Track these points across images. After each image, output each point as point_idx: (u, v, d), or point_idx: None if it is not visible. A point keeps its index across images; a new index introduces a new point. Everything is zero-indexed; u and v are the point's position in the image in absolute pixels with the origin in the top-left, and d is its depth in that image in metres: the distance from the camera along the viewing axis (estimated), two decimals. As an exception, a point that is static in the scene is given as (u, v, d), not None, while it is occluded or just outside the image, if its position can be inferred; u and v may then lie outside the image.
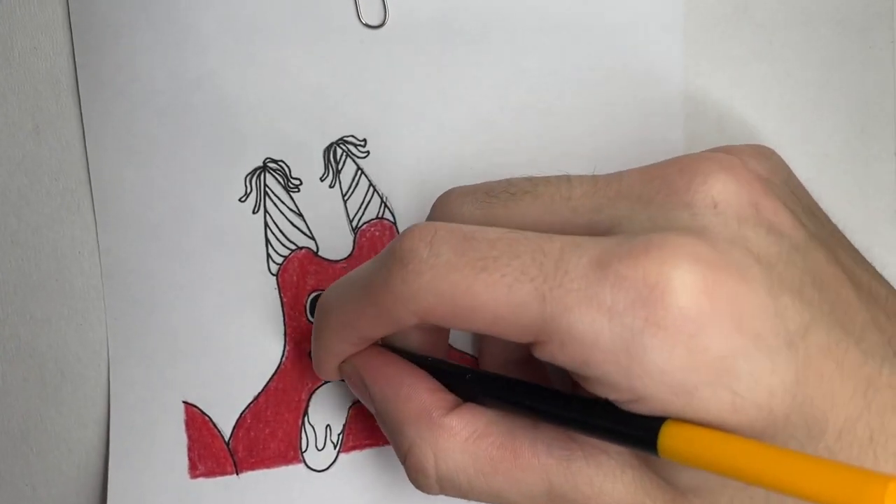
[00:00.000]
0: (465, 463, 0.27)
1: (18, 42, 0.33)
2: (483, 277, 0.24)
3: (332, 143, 0.34)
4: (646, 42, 0.36)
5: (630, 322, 0.22)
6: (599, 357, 0.23)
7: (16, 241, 0.33)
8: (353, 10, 0.34)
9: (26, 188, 0.33)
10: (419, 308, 0.25)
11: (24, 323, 0.33)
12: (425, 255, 0.25)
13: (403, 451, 0.28)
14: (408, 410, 0.28)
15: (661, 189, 0.26)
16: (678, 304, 0.22)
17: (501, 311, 0.24)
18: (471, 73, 0.35)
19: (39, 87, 0.33)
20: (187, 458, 0.33)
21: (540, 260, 0.24)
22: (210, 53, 0.33)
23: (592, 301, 0.23)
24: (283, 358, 0.34)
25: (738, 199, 0.25)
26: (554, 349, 0.23)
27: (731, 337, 0.22)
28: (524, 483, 0.26)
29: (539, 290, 0.23)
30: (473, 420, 0.27)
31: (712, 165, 0.26)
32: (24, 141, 0.33)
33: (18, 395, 0.33)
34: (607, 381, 0.23)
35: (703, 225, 0.24)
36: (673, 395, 0.22)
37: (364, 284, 0.27)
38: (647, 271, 0.22)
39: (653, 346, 0.22)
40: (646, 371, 0.22)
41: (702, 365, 0.22)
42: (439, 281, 0.24)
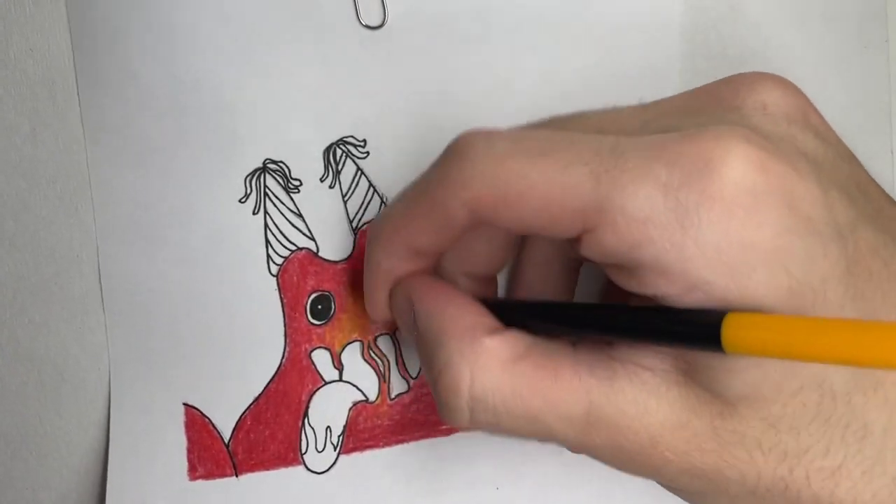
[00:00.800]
0: (503, 383, 0.26)
1: (14, 43, 0.32)
2: (539, 161, 0.24)
3: (332, 144, 0.34)
4: (643, 41, 0.36)
5: (685, 196, 0.22)
6: (653, 234, 0.22)
7: (14, 244, 0.32)
8: (353, 11, 0.34)
9: (24, 191, 0.32)
10: (471, 196, 0.24)
11: (22, 326, 0.32)
12: (481, 146, 0.25)
13: (438, 368, 0.27)
14: (451, 327, 0.27)
15: (708, 101, 0.26)
16: (734, 177, 0.22)
17: (553, 194, 0.23)
18: (470, 73, 0.35)
19: (36, 89, 0.32)
20: (187, 459, 0.33)
21: (597, 146, 0.23)
22: (209, 55, 0.33)
23: (647, 177, 0.22)
24: (283, 359, 0.34)
25: (786, 102, 0.25)
26: (605, 234, 0.23)
27: (785, 215, 0.22)
28: (563, 404, 0.25)
29: (594, 171, 0.23)
30: (515, 342, 0.26)
31: (760, 76, 0.26)
32: (21, 144, 0.32)
33: (18, 398, 0.33)
34: (659, 265, 0.22)
35: (754, 123, 0.24)
36: (728, 278, 0.22)
37: (417, 186, 0.27)
38: (703, 148, 0.22)
39: (709, 220, 0.22)
40: (700, 248, 0.22)
41: (758, 241, 0.22)
42: (495, 167, 0.24)
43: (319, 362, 0.34)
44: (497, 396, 0.26)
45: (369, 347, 0.34)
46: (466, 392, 0.26)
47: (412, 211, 0.27)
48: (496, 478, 0.35)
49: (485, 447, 0.34)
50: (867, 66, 0.38)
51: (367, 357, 0.34)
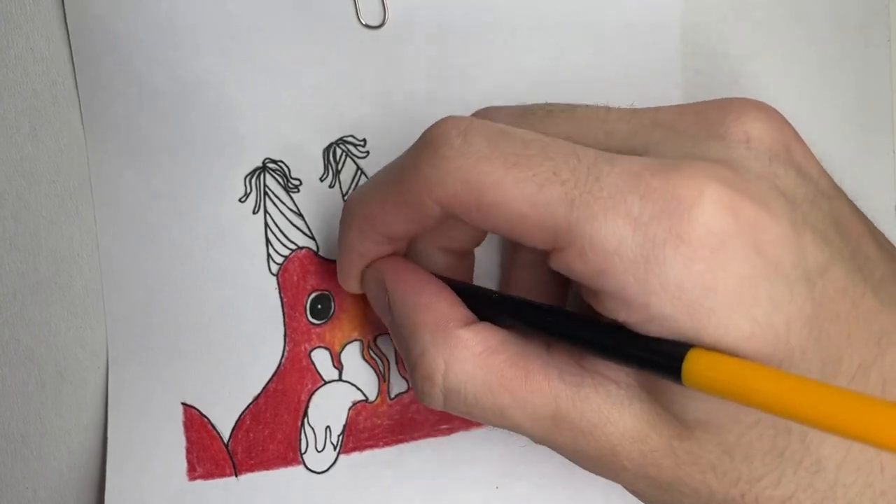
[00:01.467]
0: (475, 376, 0.26)
1: (14, 43, 0.32)
2: (514, 173, 0.23)
3: (332, 143, 0.34)
4: (644, 41, 0.36)
5: (653, 233, 0.22)
6: (618, 267, 0.22)
7: (14, 244, 0.32)
8: (353, 11, 0.34)
9: (24, 191, 0.32)
10: (444, 195, 0.25)
11: (23, 326, 0.33)
12: (458, 142, 0.24)
13: (414, 356, 0.27)
14: (425, 317, 0.27)
15: (695, 122, 0.26)
16: (703, 219, 0.22)
17: (527, 210, 0.23)
18: (470, 73, 0.35)
19: (36, 88, 0.32)
20: (186, 459, 0.33)
21: (573, 164, 0.23)
22: (209, 54, 0.33)
23: (619, 209, 0.22)
24: (282, 359, 0.34)
25: (770, 137, 0.25)
26: (573, 257, 0.23)
27: (752, 259, 0.22)
28: (531, 404, 0.26)
29: (569, 194, 0.23)
30: (488, 336, 0.27)
31: (748, 105, 0.26)
32: (21, 143, 0.32)
33: (18, 397, 0.33)
34: (622, 295, 0.23)
35: (735, 157, 0.24)
36: (687, 316, 0.22)
37: (391, 173, 0.27)
38: (678, 186, 0.22)
39: (674, 258, 0.22)
40: (663, 285, 0.22)
41: (720, 284, 0.22)
42: (469, 169, 0.24)
43: (319, 362, 0.34)
44: (468, 388, 0.26)
45: (369, 347, 0.34)
46: (441, 381, 0.27)
47: (385, 199, 0.27)
48: (496, 477, 0.35)
49: (484, 447, 0.34)
50: (869, 66, 0.38)
51: (367, 357, 0.34)
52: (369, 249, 0.29)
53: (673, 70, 0.36)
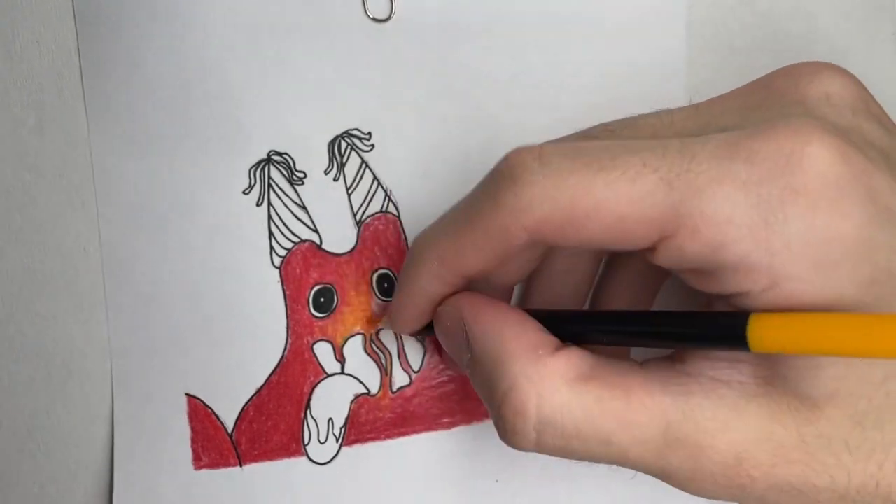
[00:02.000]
0: (572, 403, 0.24)
1: (20, 35, 0.32)
2: (602, 176, 0.22)
3: (337, 136, 0.34)
4: (649, 35, 0.36)
5: (767, 192, 0.21)
6: (736, 234, 0.21)
7: (20, 238, 0.33)
8: (360, 4, 0.34)
9: (30, 184, 0.33)
10: (533, 221, 0.23)
11: (29, 320, 0.33)
12: (536, 166, 0.23)
13: (502, 391, 0.25)
14: (512, 348, 0.26)
15: (768, 94, 0.25)
16: (818, 170, 0.21)
17: (624, 209, 0.22)
18: (476, 67, 0.34)
19: (42, 81, 0.32)
20: (191, 449, 0.34)
21: (661, 151, 0.22)
22: (215, 45, 0.33)
23: (725, 177, 0.21)
24: (285, 351, 0.34)
25: (849, 93, 0.25)
26: (684, 239, 0.22)
27: (868, 207, 0.22)
28: (637, 425, 0.24)
29: (665, 178, 0.22)
30: (580, 360, 0.25)
31: (818, 65, 0.25)
32: (27, 137, 0.32)
33: (25, 392, 0.33)
34: (744, 263, 0.22)
35: (820, 115, 0.24)
36: (813, 272, 0.21)
37: (467, 211, 0.26)
38: (781, 143, 0.22)
39: (794, 214, 0.21)
40: (786, 244, 0.21)
41: (843, 234, 0.21)
42: (555, 187, 0.23)
43: (321, 355, 0.34)
44: (567, 418, 0.25)
45: (371, 341, 0.34)
46: (534, 414, 0.25)
47: (463, 238, 0.26)
48: (496, 470, 0.35)
49: (485, 441, 0.35)
50: (875, 59, 0.38)
51: (369, 350, 0.34)
52: (439, 291, 0.28)
53: (679, 64, 0.36)
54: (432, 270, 0.28)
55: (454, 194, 0.34)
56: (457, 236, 0.26)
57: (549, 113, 0.35)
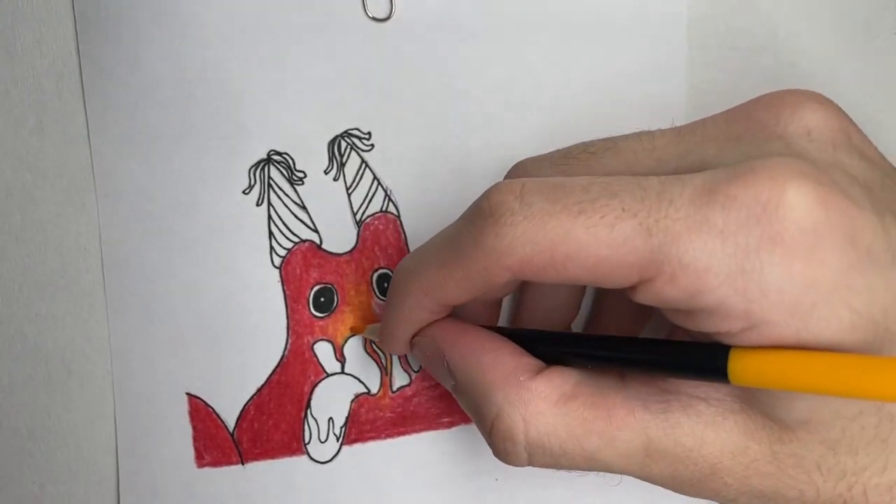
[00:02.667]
0: (557, 425, 0.25)
1: (21, 35, 0.32)
2: (582, 220, 0.23)
3: (337, 136, 0.34)
4: (650, 34, 0.36)
5: (745, 241, 0.21)
6: (714, 282, 0.22)
7: (20, 238, 0.33)
8: (360, 4, 0.34)
9: (30, 184, 0.33)
10: (515, 262, 0.24)
11: (29, 320, 0.33)
12: (517, 206, 0.24)
13: (490, 419, 0.26)
14: (493, 376, 0.26)
15: (748, 126, 0.25)
16: (795, 218, 0.21)
17: (604, 253, 0.23)
18: (476, 67, 0.34)
19: (43, 81, 0.33)
20: (193, 448, 0.34)
21: (640, 195, 0.23)
22: (214, 45, 0.33)
23: (703, 225, 0.22)
24: (285, 351, 0.34)
25: (830, 126, 0.25)
26: (663, 284, 0.22)
27: (847, 250, 0.22)
28: (620, 441, 0.25)
29: (644, 224, 0.22)
30: (561, 381, 0.26)
31: (800, 97, 0.25)
32: (27, 137, 0.33)
33: (25, 392, 0.33)
34: (721, 308, 0.22)
35: (799, 151, 0.24)
36: (790, 317, 0.21)
37: (449, 246, 0.26)
38: (759, 189, 0.22)
39: (770, 262, 0.21)
40: (763, 291, 0.21)
41: (820, 280, 0.21)
42: (535, 230, 0.23)
43: (322, 354, 0.34)
44: (553, 439, 0.26)
45: (371, 340, 0.34)
46: (523, 438, 0.26)
47: (446, 272, 0.26)
48: (496, 469, 0.35)
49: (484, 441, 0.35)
50: (876, 58, 0.37)
51: (370, 350, 0.34)
52: (423, 318, 0.29)
53: (679, 63, 0.36)
54: (416, 300, 0.28)
55: (454, 194, 0.34)
56: (440, 271, 0.27)
57: (549, 113, 0.35)
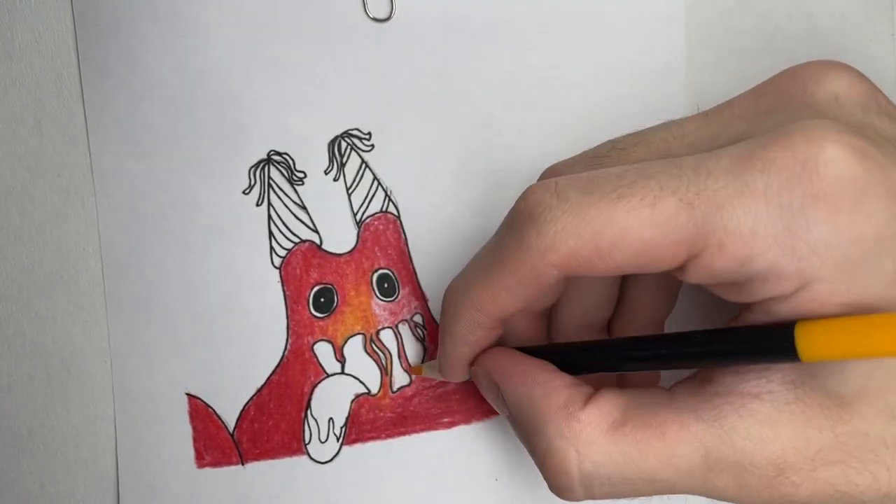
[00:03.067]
0: (612, 453, 0.25)
1: (19, 35, 0.32)
2: (622, 205, 0.23)
3: (337, 137, 0.34)
4: (648, 36, 0.36)
5: (788, 201, 0.21)
6: (762, 245, 0.22)
7: (19, 237, 0.33)
8: (360, 4, 0.34)
9: (29, 184, 0.33)
10: (561, 257, 0.24)
11: (29, 320, 0.33)
12: (554, 202, 0.24)
13: (541, 452, 0.26)
14: (543, 408, 0.26)
15: (776, 99, 0.25)
16: (835, 174, 0.21)
17: (649, 234, 0.23)
18: (476, 67, 0.34)
19: (41, 81, 0.32)
20: (193, 448, 0.34)
21: (676, 173, 0.23)
22: (214, 46, 0.33)
23: (744, 191, 0.22)
24: (285, 351, 0.34)
25: (857, 91, 0.25)
26: (712, 256, 0.22)
27: (889, 203, 0.22)
28: (678, 458, 0.25)
29: (684, 199, 0.22)
30: (611, 408, 0.26)
31: (824, 66, 0.25)
32: (26, 136, 0.32)
33: (24, 392, 0.33)
34: (773, 271, 0.22)
35: (831, 116, 0.24)
36: (840, 272, 0.21)
37: (494, 256, 0.26)
38: (796, 150, 0.22)
39: (816, 219, 0.21)
40: (812, 247, 0.21)
41: (867, 233, 0.21)
42: (577, 222, 0.23)
43: (322, 355, 0.34)
44: (609, 468, 0.25)
45: (371, 341, 0.34)
46: (577, 472, 0.25)
47: (493, 282, 0.26)
48: (496, 470, 0.35)
49: (484, 440, 0.35)
50: (873, 60, 0.38)
51: (370, 350, 0.34)
52: (481, 338, 0.29)
53: (678, 64, 0.36)
54: (470, 318, 0.28)
55: (454, 194, 0.34)
56: (488, 282, 0.26)
57: (549, 113, 0.35)
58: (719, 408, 0.24)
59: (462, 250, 0.34)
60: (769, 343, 0.23)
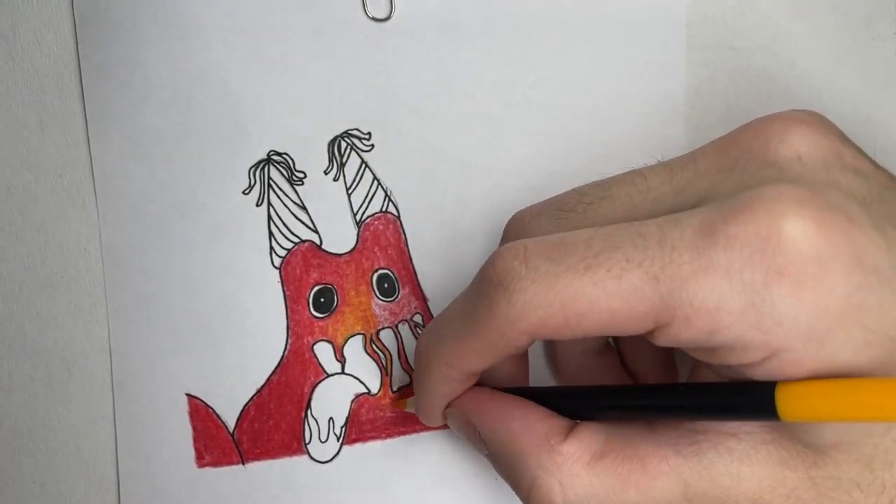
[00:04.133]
0: (594, 485, 0.26)
1: (21, 36, 0.32)
2: (588, 277, 0.23)
3: (337, 137, 0.34)
4: (649, 34, 0.36)
5: (751, 277, 0.22)
6: (727, 321, 0.22)
7: (21, 237, 0.33)
8: (360, 4, 0.34)
9: (31, 184, 0.33)
10: (530, 325, 0.24)
11: (30, 320, 0.33)
12: (523, 271, 0.24)
13: (526, 486, 0.27)
14: (524, 443, 0.27)
15: (739, 156, 0.25)
16: (797, 249, 0.21)
17: (615, 305, 0.23)
18: (475, 67, 0.34)
19: (43, 81, 0.33)
20: (193, 448, 0.34)
21: (642, 244, 0.23)
22: (214, 46, 0.33)
23: (708, 268, 0.22)
24: (285, 351, 0.34)
25: (820, 149, 0.25)
26: (678, 328, 0.23)
27: (854, 273, 0.22)
28: (657, 490, 0.25)
29: (650, 273, 0.23)
30: (592, 440, 0.26)
31: (786, 122, 0.25)
32: (28, 137, 0.33)
33: (25, 392, 0.33)
34: (740, 342, 0.22)
35: (793, 177, 0.24)
36: (807, 342, 0.22)
37: (465, 318, 0.26)
38: (757, 224, 0.22)
39: (780, 294, 0.21)
40: (777, 322, 0.22)
41: (831, 305, 0.22)
42: (546, 293, 0.24)
43: (322, 355, 0.34)
44: (592, 500, 0.26)
45: (371, 341, 0.34)
46: (561, 502, 0.26)
47: (466, 343, 0.26)
48: (496, 469, 0.35)
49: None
50: (875, 59, 0.37)
51: (370, 350, 0.34)
52: (453, 390, 0.29)
53: (679, 63, 0.36)
54: (441, 373, 0.28)
55: (454, 194, 0.34)
56: (459, 343, 0.27)
57: (549, 113, 0.35)
58: (699, 444, 0.25)
59: (462, 250, 0.34)
60: (750, 402, 0.23)
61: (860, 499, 0.24)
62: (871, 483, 0.24)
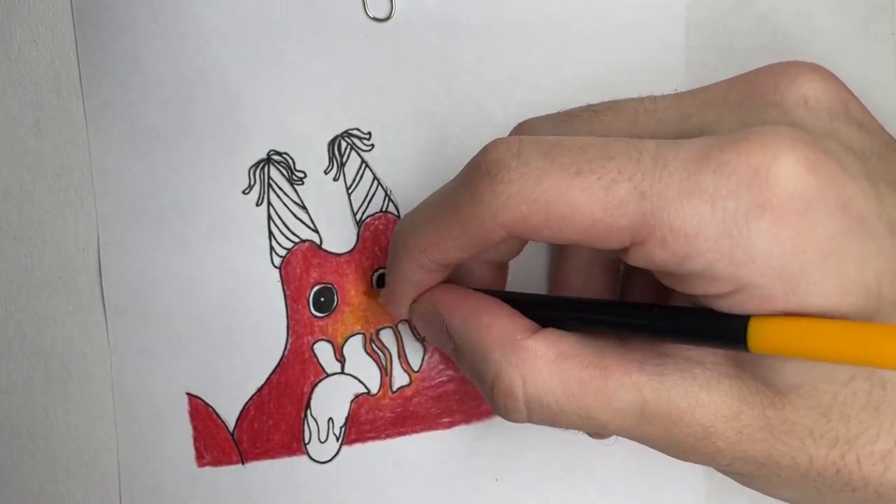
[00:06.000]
0: (553, 384, 0.26)
1: (18, 34, 0.32)
2: (578, 181, 0.23)
3: (337, 136, 0.34)
4: (648, 35, 0.36)
5: (734, 206, 0.22)
6: (702, 246, 0.22)
7: (18, 237, 0.33)
8: (360, 4, 0.34)
9: (28, 184, 0.33)
10: (510, 219, 0.24)
11: (28, 320, 0.33)
12: (514, 164, 0.24)
13: (490, 377, 0.27)
14: (491, 337, 0.27)
15: (748, 93, 0.26)
16: (785, 185, 0.22)
17: (598, 215, 0.23)
18: (475, 67, 0.34)
19: (40, 80, 0.32)
20: (193, 447, 0.34)
21: (636, 157, 0.23)
22: (214, 45, 0.33)
23: (694, 190, 0.22)
24: (285, 351, 0.34)
25: (828, 96, 0.25)
26: (654, 247, 0.23)
27: (838, 217, 0.22)
28: (616, 401, 0.25)
29: (638, 188, 0.22)
30: (558, 341, 0.26)
31: (799, 67, 0.26)
32: (25, 136, 0.32)
33: (24, 393, 0.33)
34: (709, 272, 0.22)
35: (796, 120, 0.24)
36: (778, 281, 0.22)
37: (446, 204, 0.26)
38: (751, 155, 0.22)
39: (759, 228, 0.22)
40: (750, 256, 0.22)
41: (810, 246, 0.22)
42: (531, 189, 0.23)
43: (321, 355, 0.34)
44: (550, 396, 0.26)
45: (371, 340, 0.34)
46: (521, 395, 0.26)
47: (443, 229, 0.26)
48: (495, 469, 0.35)
49: (484, 440, 0.35)
50: (873, 60, 0.38)
51: (370, 350, 0.34)
52: (423, 279, 0.29)
53: (678, 64, 0.36)
54: (414, 259, 0.28)
55: (454, 194, 0.34)
56: (436, 227, 0.27)
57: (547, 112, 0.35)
58: (664, 365, 0.25)
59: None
60: (722, 330, 0.23)
61: (811, 448, 0.25)
62: (824, 433, 0.24)
